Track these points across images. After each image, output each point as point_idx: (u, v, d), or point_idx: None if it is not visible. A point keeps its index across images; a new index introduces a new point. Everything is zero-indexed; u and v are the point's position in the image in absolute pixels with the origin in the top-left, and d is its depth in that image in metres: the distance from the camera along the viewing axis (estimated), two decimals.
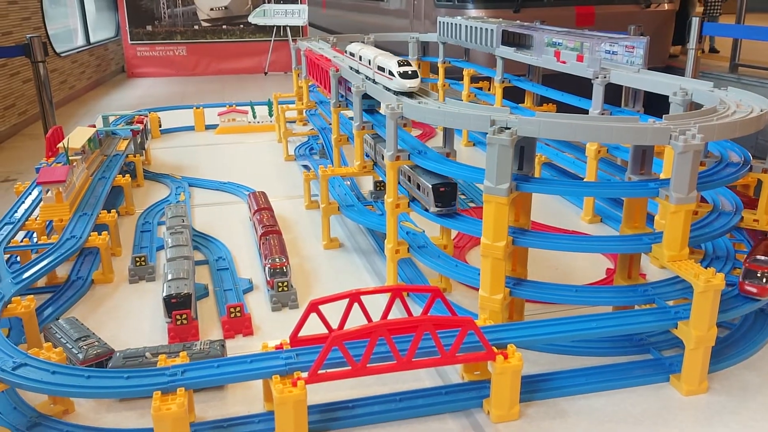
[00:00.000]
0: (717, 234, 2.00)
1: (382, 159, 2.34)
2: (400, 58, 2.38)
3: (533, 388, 1.81)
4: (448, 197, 2.12)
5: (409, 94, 2.29)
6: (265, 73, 9.44)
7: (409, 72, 2.28)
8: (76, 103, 8.12)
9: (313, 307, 1.75)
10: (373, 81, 2.59)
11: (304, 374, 1.60)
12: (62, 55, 8.28)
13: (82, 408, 1.79)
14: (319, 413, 1.71)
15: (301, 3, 9.07)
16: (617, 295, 2.00)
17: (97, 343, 1.93)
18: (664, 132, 1.74)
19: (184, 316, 2.09)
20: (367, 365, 1.63)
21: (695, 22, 5.21)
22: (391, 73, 2.34)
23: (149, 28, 9.86)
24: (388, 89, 2.39)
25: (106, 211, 2.72)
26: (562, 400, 1.80)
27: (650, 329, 1.87)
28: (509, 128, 1.80)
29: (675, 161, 1.74)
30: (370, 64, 2.62)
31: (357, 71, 2.85)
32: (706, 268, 1.76)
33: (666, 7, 6.89)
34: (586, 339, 1.91)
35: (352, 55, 2.95)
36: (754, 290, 1.87)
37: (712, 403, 1.79)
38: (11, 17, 6.82)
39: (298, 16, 9.14)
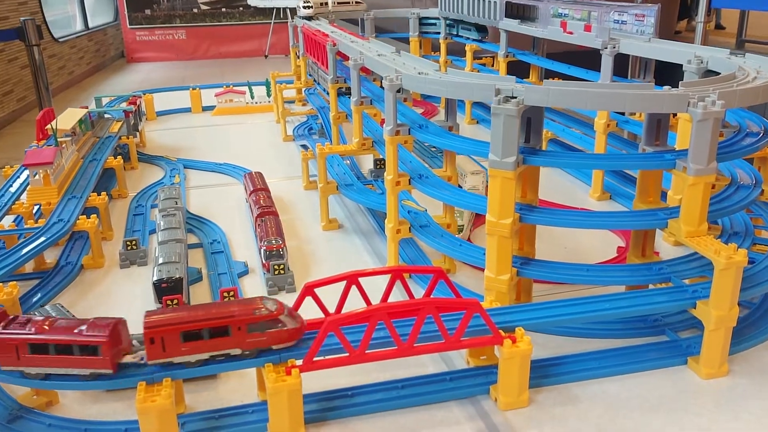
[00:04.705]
0: (736, 208, 1.88)
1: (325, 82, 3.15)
2: None
3: (543, 373, 1.71)
4: None
5: (309, 18, 4.10)
6: (266, 56, 9.31)
7: (308, 5, 4.17)
8: (76, 89, 8.03)
9: (308, 290, 1.65)
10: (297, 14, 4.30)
11: (299, 362, 1.50)
12: (60, 40, 8.17)
13: (67, 399, 1.69)
14: (315, 402, 1.62)
15: None
16: (631, 273, 1.88)
17: None
18: (681, 98, 1.62)
19: (176, 301, 1.98)
20: (366, 351, 1.53)
21: None
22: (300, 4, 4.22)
23: (148, 12, 9.73)
24: (302, 17, 4.15)
25: (96, 193, 2.62)
26: (574, 385, 1.70)
27: (667, 309, 1.76)
28: (515, 97, 1.69)
29: (694, 130, 1.62)
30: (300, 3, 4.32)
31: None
32: (725, 244, 1.65)
33: None
34: (598, 320, 1.81)
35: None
36: None
37: (732, 386, 1.69)
38: (7, 2, 6.72)
39: None
